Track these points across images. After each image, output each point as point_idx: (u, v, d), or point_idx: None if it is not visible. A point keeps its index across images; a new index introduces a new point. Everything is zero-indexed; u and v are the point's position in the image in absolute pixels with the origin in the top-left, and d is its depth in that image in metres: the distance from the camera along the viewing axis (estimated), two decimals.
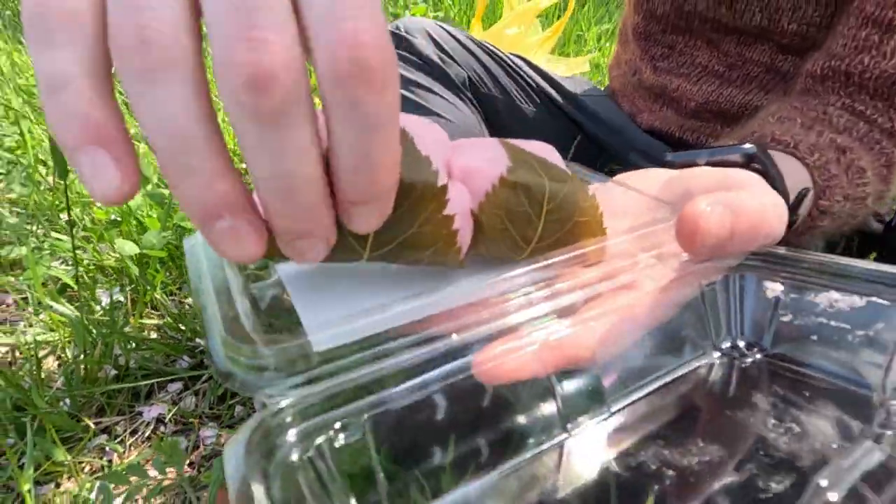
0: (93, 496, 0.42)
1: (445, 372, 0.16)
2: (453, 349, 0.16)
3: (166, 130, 0.12)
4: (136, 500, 0.42)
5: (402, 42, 0.71)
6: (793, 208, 0.31)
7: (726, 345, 0.21)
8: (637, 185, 0.26)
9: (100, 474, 0.46)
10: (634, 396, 0.20)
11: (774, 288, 0.21)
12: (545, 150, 0.22)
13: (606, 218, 0.22)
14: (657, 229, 0.21)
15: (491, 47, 0.75)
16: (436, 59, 0.70)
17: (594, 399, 0.19)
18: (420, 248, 0.17)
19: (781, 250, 0.21)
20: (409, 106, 0.69)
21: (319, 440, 0.13)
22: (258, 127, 0.12)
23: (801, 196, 0.31)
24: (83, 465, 0.47)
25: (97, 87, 0.13)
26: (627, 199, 0.25)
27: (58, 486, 0.45)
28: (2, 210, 0.77)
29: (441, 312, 0.18)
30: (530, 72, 0.76)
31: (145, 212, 0.65)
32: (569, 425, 0.18)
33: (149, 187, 0.64)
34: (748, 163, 0.30)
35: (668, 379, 0.20)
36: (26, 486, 0.41)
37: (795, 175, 0.34)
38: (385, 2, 1.66)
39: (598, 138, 0.72)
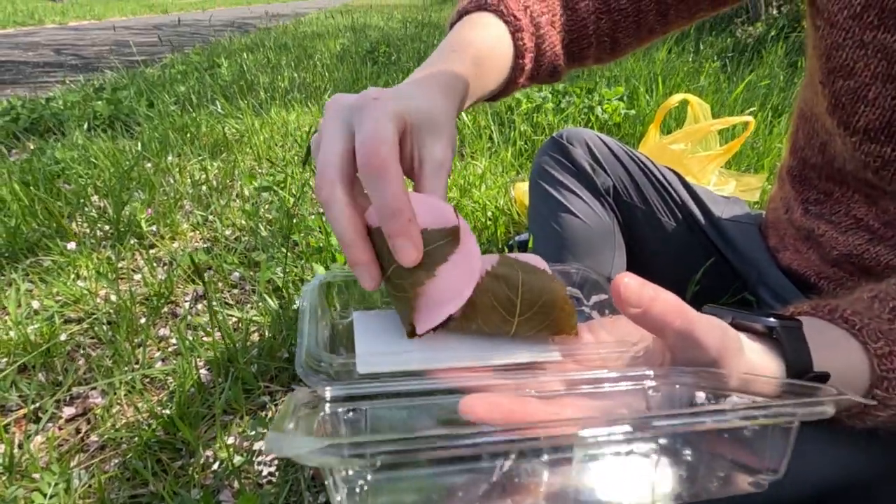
0: (251, 431, 0.62)
1: (433, 398, 0.26)
2: (447, 389, 0.27)
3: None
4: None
5: (562, 149, 0.82)
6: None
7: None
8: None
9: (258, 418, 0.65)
10: None
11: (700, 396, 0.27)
12: (533, 259, 0.31)
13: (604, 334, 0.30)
14: (627, 347, 0.29)
15: (643, 159, 0.81)
16: (586, 166, 0.80)
17: None
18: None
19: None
20: (554, 203, 0.80)
21: (339, 410, 0.25)
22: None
23: (814, 376, 0.31)
24: (251, 410, 0.67)
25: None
26: (630, 326, 0.33)
27: (234, 418, 0.66)
28: (261, 225, 1.12)
29: (449, 367, 0.29)
30: (678, 187, 0.79)
31: (339, 248, 0.89)
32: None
33: None
34: (769, 333, 0.33)
35: None
36: (219, 411, 0.62)
37: (849, 356, 0.33)
38: (581, 96, 1.81)
39: (733, 265, 0.72)
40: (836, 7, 0.46)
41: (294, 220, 1.09)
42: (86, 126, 1.71)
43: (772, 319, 0.33)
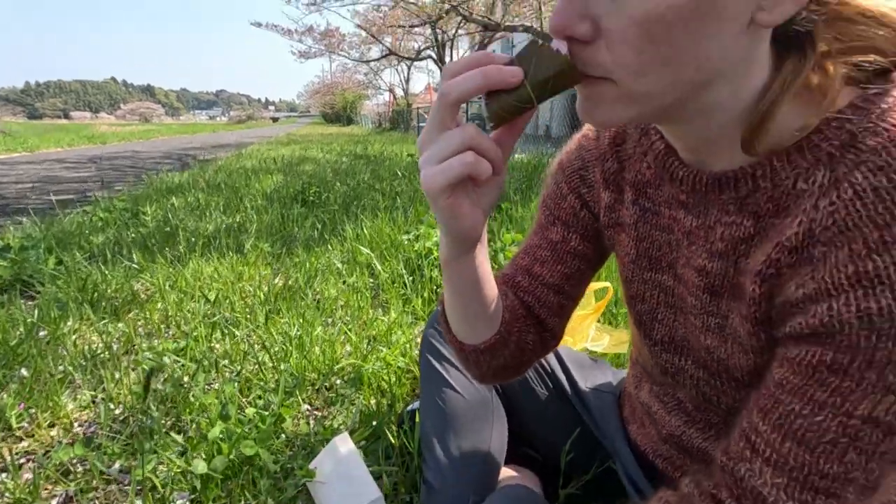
0: None
1: None
2: None
3: None
4: None
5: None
6: None
7: None
8: None
9: None
10: None
11: None
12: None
13: None
14: None
15: None
16: None
17: None
18: None
19: None
20: (437, 377, 0.84)
21: None
22: None
23: None
24: None
25: None
26: None
27: None
28: (153, 404, 1.08)
29: None
30: (550, 358, 0.86)
31: (225, 438, 0.87)
32: None
33: (230, 423, 0.87)
34: None
35: None
36: None
37: None
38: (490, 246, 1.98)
39: (594, 436, 0.77)
40: (622, 253, 0.57)
41: (190, 395, 1.07)
42: None
43: None
